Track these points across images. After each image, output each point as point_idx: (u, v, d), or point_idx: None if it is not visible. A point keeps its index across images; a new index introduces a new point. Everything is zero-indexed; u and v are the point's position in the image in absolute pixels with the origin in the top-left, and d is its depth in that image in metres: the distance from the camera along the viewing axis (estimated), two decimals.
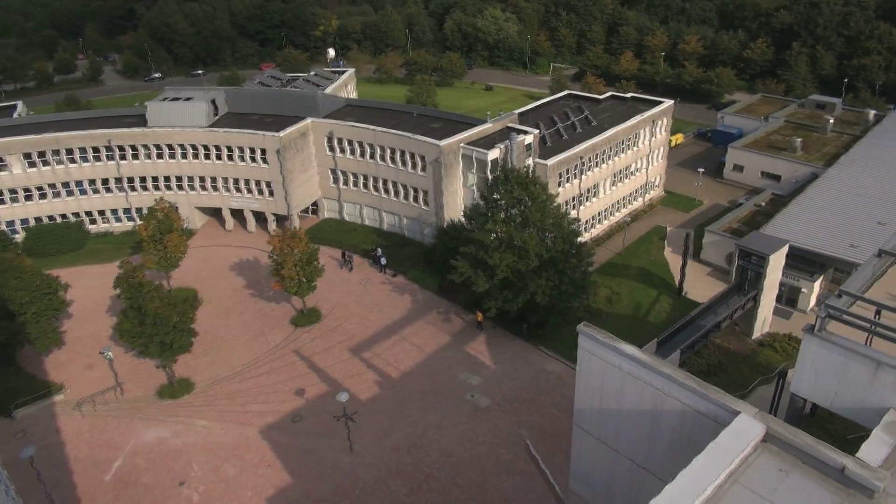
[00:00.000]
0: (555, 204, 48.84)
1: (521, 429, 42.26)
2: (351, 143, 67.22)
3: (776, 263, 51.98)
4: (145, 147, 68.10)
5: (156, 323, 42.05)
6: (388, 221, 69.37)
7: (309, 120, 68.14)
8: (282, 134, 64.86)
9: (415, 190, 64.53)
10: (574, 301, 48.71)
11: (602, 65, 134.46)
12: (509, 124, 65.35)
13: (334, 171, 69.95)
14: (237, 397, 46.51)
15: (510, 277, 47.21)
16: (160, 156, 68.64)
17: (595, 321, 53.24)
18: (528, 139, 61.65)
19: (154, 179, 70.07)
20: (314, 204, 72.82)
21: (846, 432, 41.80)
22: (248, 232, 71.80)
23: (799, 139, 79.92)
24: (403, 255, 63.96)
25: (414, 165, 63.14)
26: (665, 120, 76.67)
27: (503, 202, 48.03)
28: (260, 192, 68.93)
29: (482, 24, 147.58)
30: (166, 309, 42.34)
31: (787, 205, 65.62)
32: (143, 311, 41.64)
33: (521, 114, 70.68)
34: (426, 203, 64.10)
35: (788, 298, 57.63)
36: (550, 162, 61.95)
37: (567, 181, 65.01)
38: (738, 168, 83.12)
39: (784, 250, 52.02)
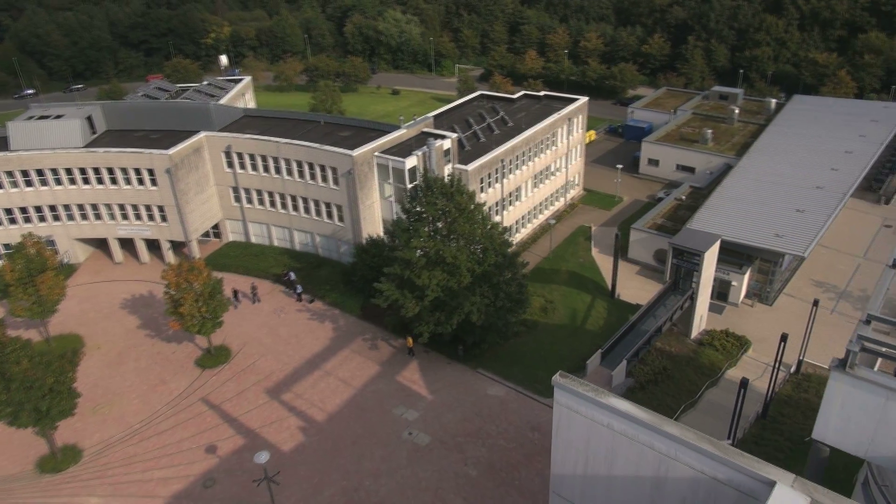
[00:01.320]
0: (483, 213, 45.06)
1: (467, 467, 38.10)
2: (252, 157, 60.96)
3: (710, 259, 50.58)
4: (9, 174, 59.03)
5: (26, 388, 34.86)
6: (301, 241, 63.58)
7: (203, 134, 61.30)
8: (172, 151, 57.79)
9: (327, 205, 59.17)
10: (512, 316, 45.08)
11: (507, 64, 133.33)
12: (425, 129, 61.21)
13: (235, 190, 63.41)
14: (135, 463, 39.73)
15: (442, 297, 43.02)
16: (28, 183, 59.73)
17: (532, 334, 50.10)
18: (447, 144, 57.77)
19: (23, 210, 60.97)
20: (215, 227, 65.86)
21: (804, 435, 40.37)
22: (141, 263, 63.97)
23: (709, 130, 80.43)
24: (320, 278, 58.46)
25: (325, 178, 57.81)
26: (580, 117, 74.99)
27: (427, 215, 43.73)
28: (151, 217, 61.36)
29: (383, 26, 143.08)
30: (38, 370, 35.25)
31: (707, 197, 65.06)
32: (7, 377, 34.36)
33: (435, 117, 66.70)
34: (341, 219, 58.93)
35: (719, 293, 56.60)
36: (471, 167, 58.34)
37: (489, 186, 61.64)
38: (654, 162, 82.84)
39: (717, 245, 50.72)
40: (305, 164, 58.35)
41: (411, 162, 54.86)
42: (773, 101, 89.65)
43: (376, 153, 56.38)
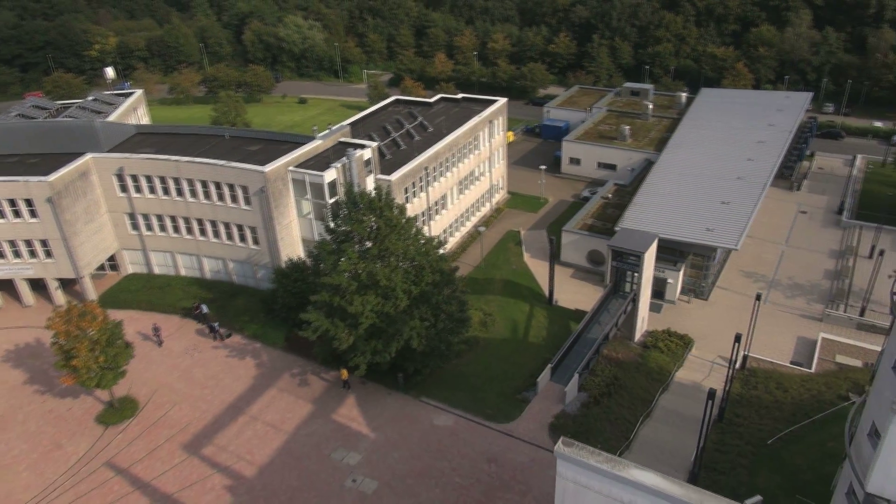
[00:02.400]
0: (416, 228, 41.46)
1: None
2: (149, 179, 54.61)
3: (649, 259, 49.22)
4: None
5: None
6: (212, 268, 57.67)
7: (89, 156, 54.36)
8: (52, 178, 50.72)
9: (239, 227, 53.74)
10: (454, 337, 41.65)
11: (417, 68, 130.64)
12: (342, 139, 56.91)
13: (132, 216, 56.73)
14: None
15: (377, 324, 39.03)
16: None
17: (474, 352, 46.94)
18: (367, 154, 53.76)
19: None
20: (111, 259, 58.80)
21: (764, 437, 39.24)
22: (25, 307, 56.08)
23: (627, 127, 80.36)
24: (236, 308, 52.95)
25: (235, 198, 52.41)
26: (501, 119, 72.78)
27: (355, 234, 39.65)
28: (33, 254, 53.79)
29: (284, 33, 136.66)
30: None
31: (633, 195, 64.25)
32: None
33: (350, 126, 62.40)
34: (256, 241, 53.66)
35: (656, 291, 55.49)
36: (394, 177, 54.67)
37: (414, 196, 58.13)
38: (575, 161, 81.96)
39: (655, 245, 49.40)
40: (211, 183, 52.70)
41: (330, 175, 50.50)
42: (684, 94, 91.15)
43: (290, 167, 51.61)
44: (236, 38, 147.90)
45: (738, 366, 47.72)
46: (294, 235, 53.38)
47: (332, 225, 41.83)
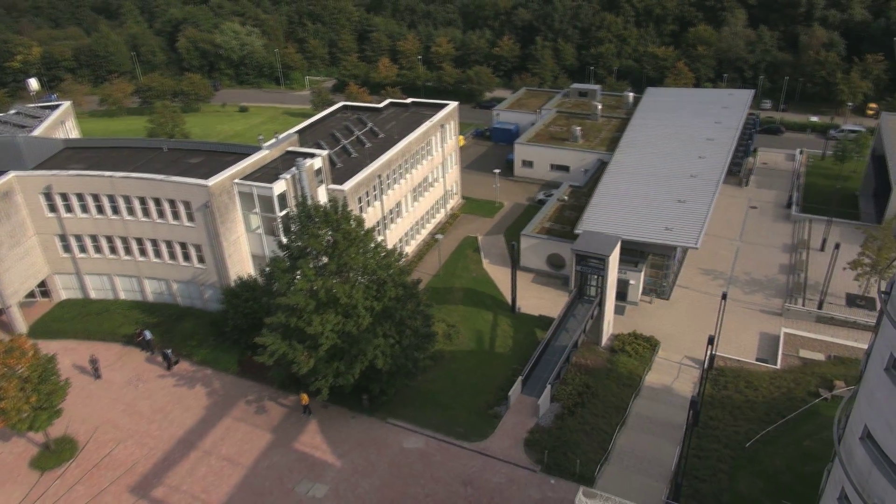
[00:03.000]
0: (375, 241, 39.31)
1: None
2: (81, 197, 50.66)
3: (614, 262, 48.36)
4: None
5: None
6: (154, 290, 53.95)
7: (12, 174, 50.02)
8: None
9: (183, 246, 50.38)
10: (420, 353, 39.61)
11: (361, 73, 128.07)
12: (290, 148, 54.18)
13: (63, 238, 52.58)
14: None
15: (339, 344, 36.69)
16: None
17: (440, 366, 45.09)
18: (317, 163, 51.25)
19: None
20: (42, 285, 54.37)
21: (741, 439, 38.63)
22: None
23: (578, 128, 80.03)
24: (183, 332, 49.55)
25: (177, 215, 49.04)
26: (452, 123, 71.22)
27: (311, 249, 37.21)
28: None
29: (221, 39, 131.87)
30: None
31: (589, 196, 63.67)
32: None
33: (297, 134, 59.65)
34: (202, 260, 50.39)
35: (618, 293, 54.75)
36: (347, 186, 52.32)
37: (368, 205, 55.86)
38: (528, 164, 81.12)
39: (618, 247, 48.57)
40: (150, 200, 49.21)
41: (280, 187, 47.79)
42: (631, 94, 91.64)
43: (236, 180, 48.64)
44: (170, 46, 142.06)
45: (705, 366, 47.40)
46: (243, 252, 50.38)
47: (285, 240, 39.24)
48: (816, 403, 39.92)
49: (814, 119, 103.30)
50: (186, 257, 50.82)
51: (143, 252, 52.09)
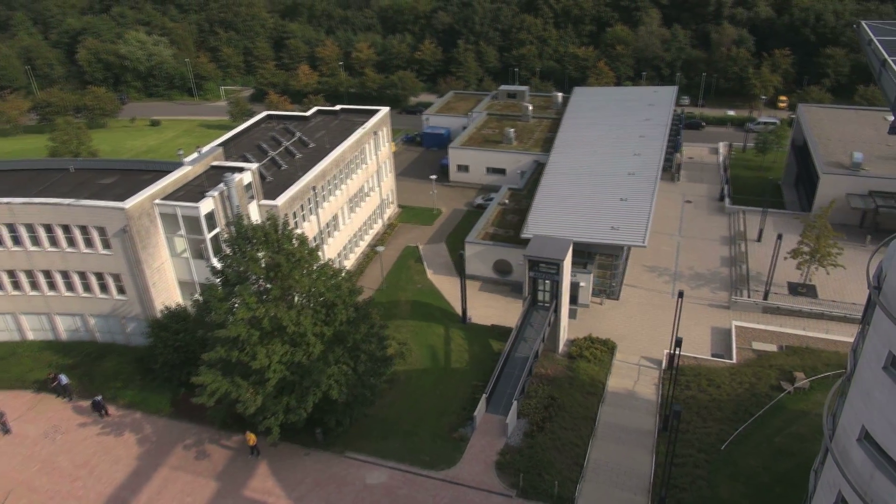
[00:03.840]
0: (322, 260, 36.13)
1: None
2: None
3: (567, 266, 46.95)
4: None
5: None
6: (68, 328, 48.42)
7: None
8: None
9: (99, 276, 45.32)
10: (376, 379, 36.64)
11: (280, 82, 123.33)
12: (215, 163, 49.98)
13: None
14: None
15: (289, 377, 33.27)
16: None
17: (396, 389, 42.29)
18: (247, 177, 47.37)
19: None
20: None
21: (713, 441, 37.71)
22: None
23: (511, 129, 78.90)
24: (105, 372, 44.48)
25: (90, 243, 44.01)
26: (385, 129, 68.45)
27: (250, 274, 33.64)
28: None
29: (126, 50, 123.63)
30: None
31: (530, 199, 62.38)
32: None
33: (221, 146, 55.33)
34: (121, 290, 45.51)
35: (570, 296, 53.63)
36: (280, 201, 48.74)
37: (304, 220, 52.36)
38: (463, 168, 79.33)
39: (570, 250, 47.19)
40: (58, 227, 43.96)
41: (207, 205, 43.70)
42: (560, 94, 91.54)
43: (157, 200, 44.15)
44: (69, 59, 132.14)
45: (664, 366, 46.74)
46: (169, 279, 45.83)
47: (219, 265, 35.43)
48: (781, 398, 39.62)
49: (731, 113, 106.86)
50: (104, 288, 45.77)
51: (52, 286, 46.62)
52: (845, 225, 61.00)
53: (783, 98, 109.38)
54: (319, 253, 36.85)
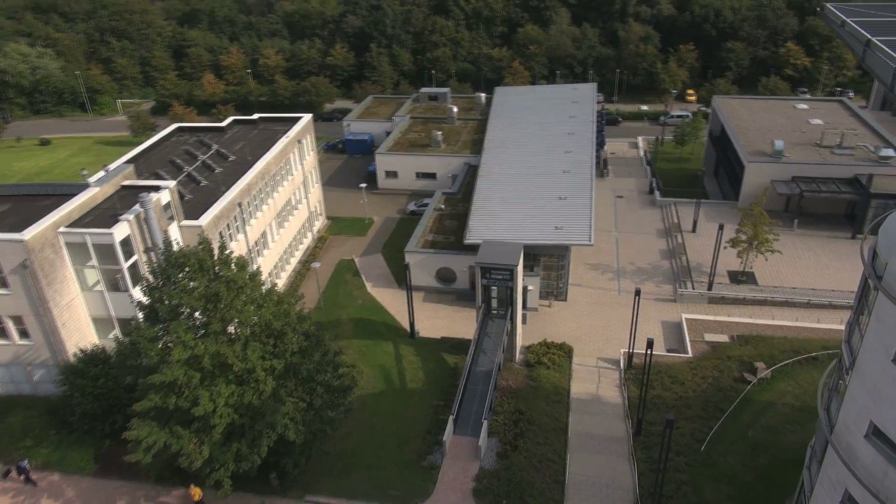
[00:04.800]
0: (267, 286, 32.41)
1: None
2: None
3: (520, 271, 45.07)
4: None
5: None
6: None
7: None
8: None
9: None
10: (334, 412, 33.20)
11: (183, 92, 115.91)
12: (126, 182, 44.80)
13: None
14: None
15: (238, 420, 29.39)
16: None
17: (352, 418, 38.91)
18: (165, 196, 42.62)
19: None
20: None
21: (688, 442, 36.70)
22: None
23: (439, 132, 76.74)
24: (11, 430, 38.43)
25: None
26: (309, 138, 64.59)
27: (185, 307, 29.52)
28: None
29: (6, 64, 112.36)
30: None
31: (467, 202, 60.41)
32: None
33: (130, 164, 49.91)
34: (25, 334, 39.63)
35: None
36: (205, 221, 44.24)
37: (231, 239, 47.94)
38: (392, 174, 76.43)
39: (521, 254, 45.38)
40: None
41: (122, 231, 38.78)
42: (483, 95, 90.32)
43: (61, 228, 38.76)
44: None
45: (623, 366, 45.74)
46: (81, 318, 40.39)
47: (146, 300, 31.00)
48: (749, 391, 39.27)
49: (644, 108, 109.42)
50: (3, 333, 39.76)
51: None
52: (771, 211, 62.44)
53: (691, 92, 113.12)
54: (261, 277, 33.05)
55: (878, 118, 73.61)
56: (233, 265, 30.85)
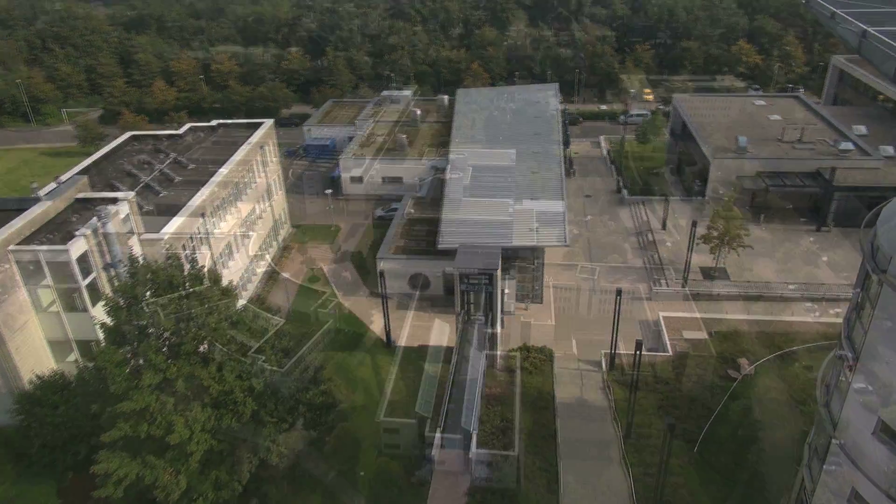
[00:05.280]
0: (241, 302, 30.58)
1: None
2: None
3: (499, 275, 44.12)
4: None
5: None
6: None
7: None
8: None
9: None
10: (319, 430, 31.52)
11: (133, 100, 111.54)
12: (80, 195, 42.13)
13: None
14: None
15: (216, 446, 27.50)
16: None
17: (334, 434, 37.16)
18: (124, 209, 40.22)
19: None
20: None
21: (680, 443, 36.19)
22: None
23: (404, 136, 75.40)
24: None
25: None
26: (272, 144, 62.51)
27: (154, 328, 27.50)
28: None
29: None
30: None
31: (437, 206, 59.18)
32: None
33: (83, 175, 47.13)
34: None
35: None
36: (167, 233, 41.94)
37: (195, 252, 45.58)
38: (357, 180, 74.62)
39: (499, 258, 44.44)
40: None
41: (79, 247, 36.30)
42: (445, 97, 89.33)
43: (12, 246, 36.08)
44: None
45: (605, 367, 45.16)
46: (36, 341, 37.68)
47: (109, 321, 28.81)
48: (735, 388, 39.08)
49: (603, 107, 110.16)
50: None
51: None
52: (736, 206, 63.32)
53: (648, 91, 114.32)
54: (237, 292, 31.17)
55: (832, 113, 75.36)
56: (205, 280, 28.89)
